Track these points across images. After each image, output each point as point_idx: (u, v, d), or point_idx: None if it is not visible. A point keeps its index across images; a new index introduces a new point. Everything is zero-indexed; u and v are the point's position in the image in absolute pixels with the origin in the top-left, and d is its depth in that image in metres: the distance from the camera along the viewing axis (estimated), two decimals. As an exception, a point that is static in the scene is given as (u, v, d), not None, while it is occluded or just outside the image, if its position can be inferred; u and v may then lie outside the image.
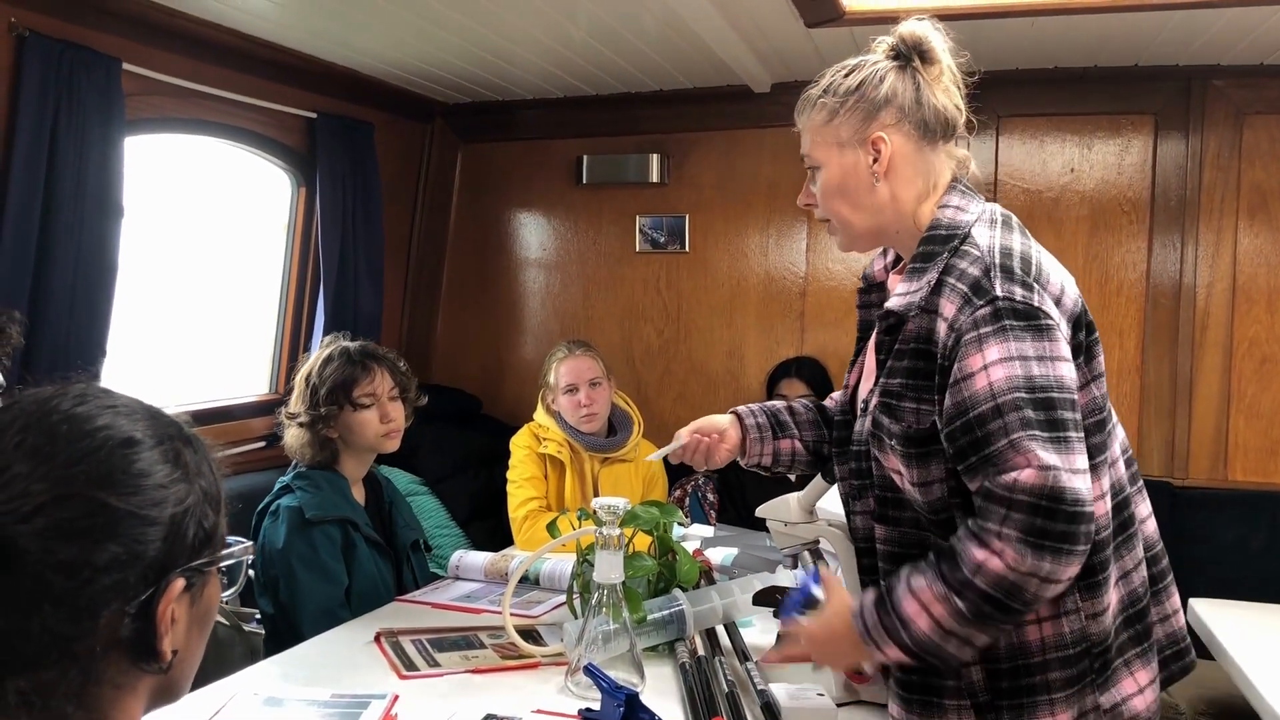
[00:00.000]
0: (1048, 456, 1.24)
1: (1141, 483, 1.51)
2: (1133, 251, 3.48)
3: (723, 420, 1.79)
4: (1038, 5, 2.76)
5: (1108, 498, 1.38)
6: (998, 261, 1.34)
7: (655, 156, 3.90)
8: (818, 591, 1.48)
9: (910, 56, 1.46)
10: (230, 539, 0.86)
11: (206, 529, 0.81)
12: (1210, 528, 3.27)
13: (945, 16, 2.78)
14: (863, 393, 1.54)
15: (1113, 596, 1.38)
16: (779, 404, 1.83)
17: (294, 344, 3.58)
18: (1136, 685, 1.39)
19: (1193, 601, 2.44)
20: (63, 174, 2.46)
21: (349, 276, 3.53)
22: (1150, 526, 1.50)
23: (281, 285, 3.57)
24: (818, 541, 1.74)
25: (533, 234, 4.18)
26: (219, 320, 3.56)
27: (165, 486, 0.78)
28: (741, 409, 1.81)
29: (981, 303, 1.31)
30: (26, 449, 0.75)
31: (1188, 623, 2.37)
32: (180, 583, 0.79)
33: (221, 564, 0.85)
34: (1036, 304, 1.31)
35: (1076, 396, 1.30)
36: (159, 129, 2.97)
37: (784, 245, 3.85)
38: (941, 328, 1.34)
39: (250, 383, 3.54)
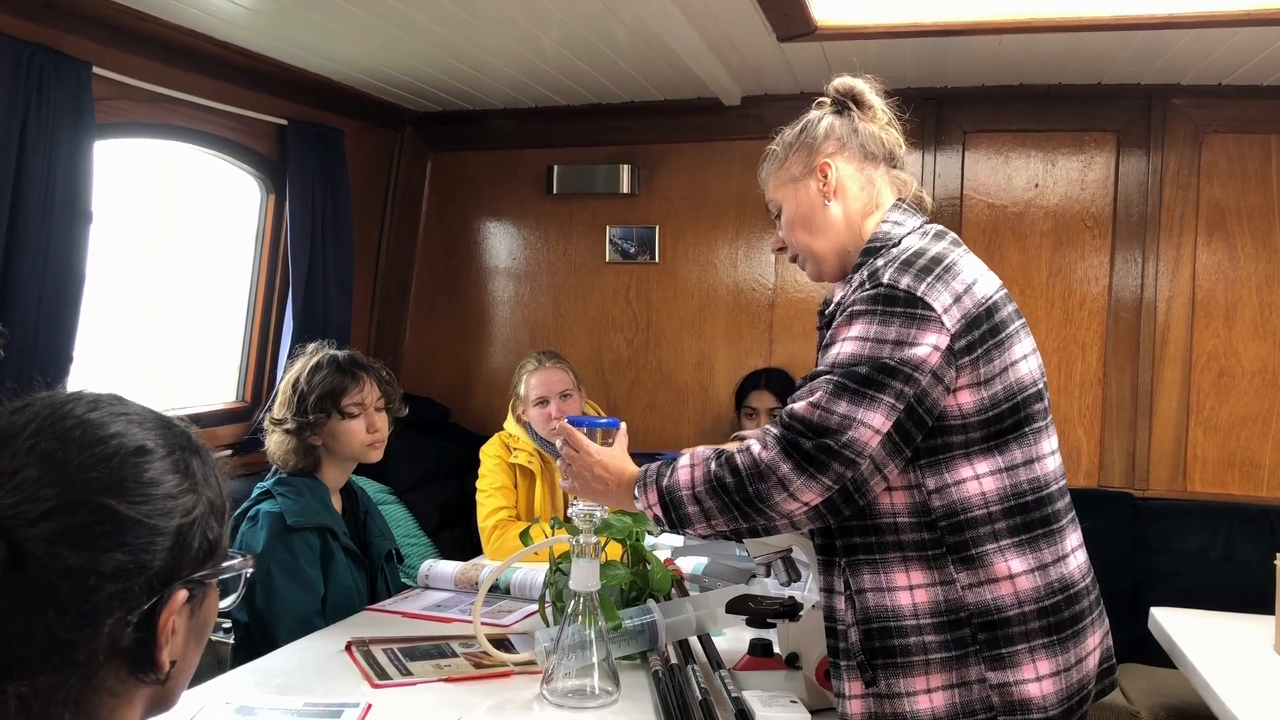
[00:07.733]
0: (831, 401, 1.38)
1: (1074, 514, 1.55)
2: (1095, 266, 3.54)
3: None
4: (1004, 24, 2.81)
5: (991, 479, 1.44)
6: (903, 259, 1.48)
7: (626, 167, 3.92)
8: (619, 435, 1.71)
9: (845, 103, 1.65)
10: (231, 550, 0.86)
11: (211, 540, 0.81)
12: (1170, 538, 3.33)
13: (914, 33, 2.87)
14: None
15: (1015, 579, 1.43)
16: None
17: (261, 352, 3.55)
18: (1035, 673, 1.43)
19: (1154, 610, 2.48)
20: (31, 178, 2.43)
21: (318, 284, 3.51)
22: (1080, 557, 1.54)
23: (249, 293, 3.54)
24: (790, 550, 1.76)
25: (502, 243, 4.19)
26: (187, 327, 3.53)
27: (174, 497, 0.78)
28: None
29: (869, 287, 1.47)
30: (39, 453, 0.75)
31: (1149, 631, 2.44)
32: (183, 594, 0.78)
33: (223, 576, 0.85)
34: (920, 294, 1.42)
35: (921, 377, 1.40)
36: (129, 133, 2.95)
37: (753, 257, 3.89)
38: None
39: (217, 390, 3.51)
